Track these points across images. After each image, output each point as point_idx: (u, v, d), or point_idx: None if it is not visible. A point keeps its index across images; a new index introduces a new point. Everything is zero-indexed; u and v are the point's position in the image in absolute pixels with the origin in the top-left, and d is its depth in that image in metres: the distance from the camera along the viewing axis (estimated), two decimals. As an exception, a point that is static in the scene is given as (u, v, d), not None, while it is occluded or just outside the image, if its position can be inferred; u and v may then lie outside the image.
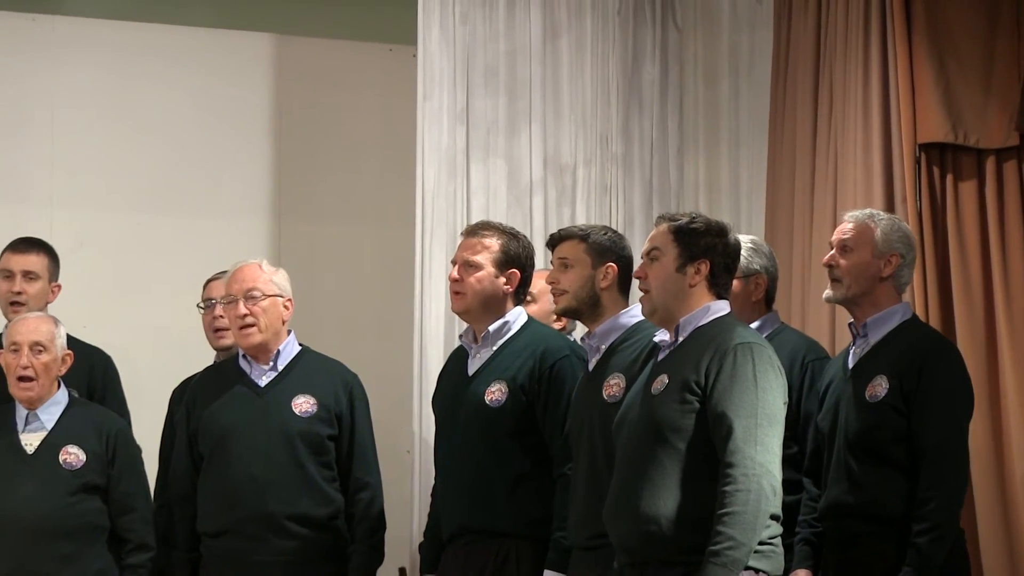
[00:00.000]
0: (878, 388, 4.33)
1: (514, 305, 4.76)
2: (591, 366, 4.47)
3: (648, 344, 4.26)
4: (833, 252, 4.49)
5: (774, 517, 3.88)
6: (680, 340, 4.07)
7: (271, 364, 5.00)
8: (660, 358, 4.12)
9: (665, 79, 6.51)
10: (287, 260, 5.19)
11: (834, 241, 4.52)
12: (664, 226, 4.14)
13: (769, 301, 4.85)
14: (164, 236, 6.55)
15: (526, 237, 4.85)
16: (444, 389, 4.86)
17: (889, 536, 4.27)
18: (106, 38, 6.56)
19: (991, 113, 5.49)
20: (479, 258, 4.70)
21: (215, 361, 5.44)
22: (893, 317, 4.44)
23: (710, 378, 3.93)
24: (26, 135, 6.45)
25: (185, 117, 6.63)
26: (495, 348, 4.70)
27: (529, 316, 4.85)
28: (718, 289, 4.12)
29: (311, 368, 5.04)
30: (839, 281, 4.47)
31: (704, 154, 6.53)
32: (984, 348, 5.40)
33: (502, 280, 4.71)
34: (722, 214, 6.09)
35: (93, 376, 5.47)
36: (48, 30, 6.49)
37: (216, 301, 5.37)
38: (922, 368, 4.30)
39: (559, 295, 4.52)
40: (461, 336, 4.85)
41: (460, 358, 4.82)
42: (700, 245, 4.09)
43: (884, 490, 4.29)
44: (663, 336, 4.13)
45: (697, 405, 3.93)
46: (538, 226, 6.16)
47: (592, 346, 4.48)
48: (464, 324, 4.90)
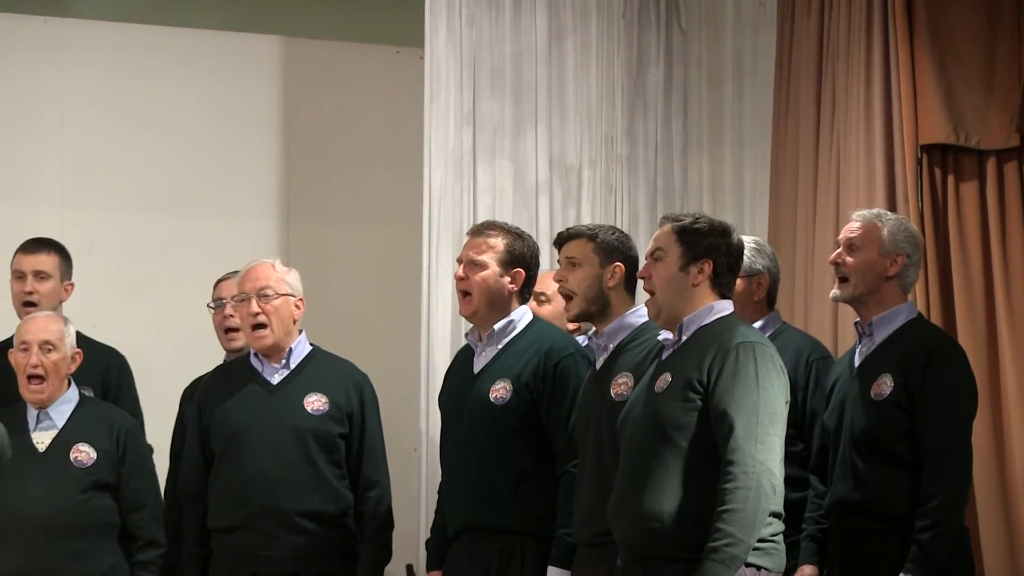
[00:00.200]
0: (883, 386, 4.33)
1: (519, 304, 4.75)
2: (598, 365, 4.47)
3: (656, 344, 4.25)
4: (840, 251, 4.49)
5: (775, 515, 3.88)
6: (683, 339, 4.07)
7: (283, 362, 5.01)
8: (664, 357, 4.12)
9: (669, 81, 6.51)
10: (295, 260, 5.19)
11: (841, 240, 4.52)
12: (668, 226, 4.15)
13: (771, 301, 4.86)
14: (174, 236, 6.56)
15: (531, 236, 4.84)
16: (450, 387, 4.87)
17: (894, 533, 4.27)
18: (116, 40, 6.56)
19: (992, 114, 5.48)
20: (484, 257, 4.70)
21: (225, 359, 5.44)
22: (898, 316, 4.44)
23: (712, 376, 3.94)
24: (37, 136, 6.46)
25: (194, 119, 6.64)
26: (500, 346, 4.70)
27: (534, 315, 4.85)
28: (721, 289, 4.12)
29: (323, 367, 5.05)
30: (846, 280, 4.46)
31: (708, 155, 6.53)
32: (985, 348, 5.39)
33: (507, 279, 4.71)
34: (726, 214, 6.10)
35: (108, 376, 5.47)
36: (59, 32, 6.50)
37: (226, 301, 5.38)
38: (927, 366, 4.29)
39: (567, 297, 4.51)
40: (467, 335, 4.85)
41: (466, 356, 4.83)
42: (703, 245, 4.10)
43: (889, 487, 4.29)
44: (666, 335, 4.13)
45: (699, 403, 3.94)
46: (544, 226, 6.18)
47: (600, 345, 4.47)
48: (470, 323, 4.89)
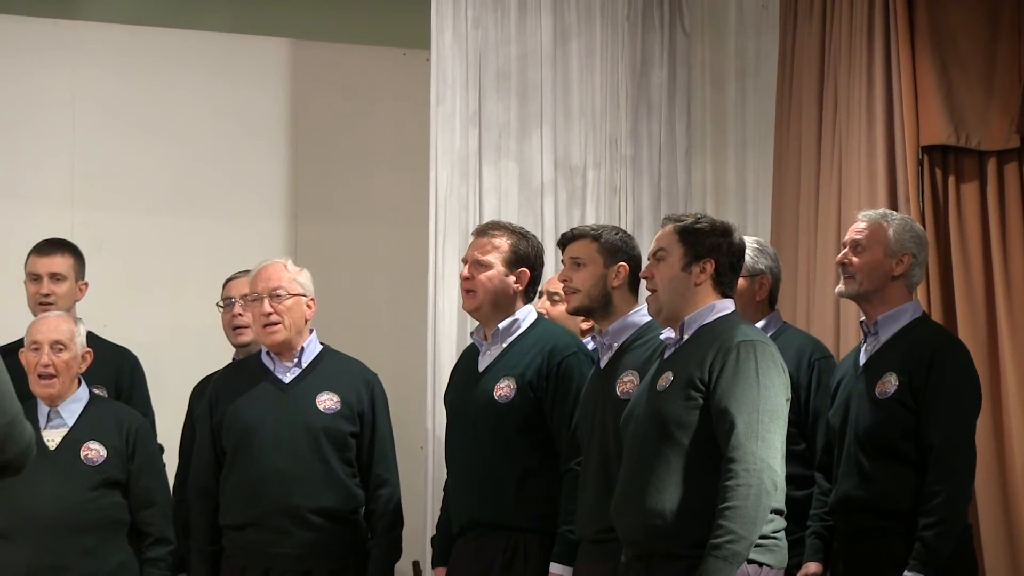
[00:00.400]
0: (888, 385, 4.35)
1: (524, 303, 4.78)
2: (602, 363, 4.48)
3: (660, 343, 4.27)
4: (846, 250, 4.51)
5: (777, 511, 3.91)
6: (685, 338, 4.10)
7: (295, 361, 5.01)
8: (666, 355, 4.14)
9: (673, 83, 6.50)
10: (303, 260, 5.17)
11: (847, 240, 4.53)
12: (670, 227, 4.17)
13: (772, 301, 4.87)
14: (183, 237, 6.56)
15: (535, 236, 4.86)
16: (455, 385, 4.89)
17: (898, 530, 4.28)
18: (126, 43, 6.56)
19: (992, 116, 5.49)
20: (489, 257, 4.73)
21: (234, 358, 5.46)
22: (903, 315, 4.45)
23: (714, 375, 3.96)
24: (46, 137, 6.45)
25: (203, 120, 6.64)
26: (505, 345, 4.73)
27: (539, 314, 4.87)
28: (723, 288, 4.14)
29: (334, 366, 5.06)
30: (852, 277, 4.47)
31: (711, 156, 6.53)
32: (986, 347, 5.38)
33: (512, 279, 4.74)
34: (729, 215, 6.08)
35: (121, 375, 5.49)
36: (69, 35, 6.50)
37: (235, 300, 5.39)
38: (931, 365, 4.31)
39: (571, 294, 4.53)
40: (472, 333, 4.87)
41: (471, 355, 4.85)
42: (705, 245, 4.12)
43: (893, 485, 4.30)
44: (668, 333, 4.15)
45: (701, 401, 3.96)
46: (549, 227, 6.17)
47: (605, 344, 4.49)
48: (476, 322, 4.90)
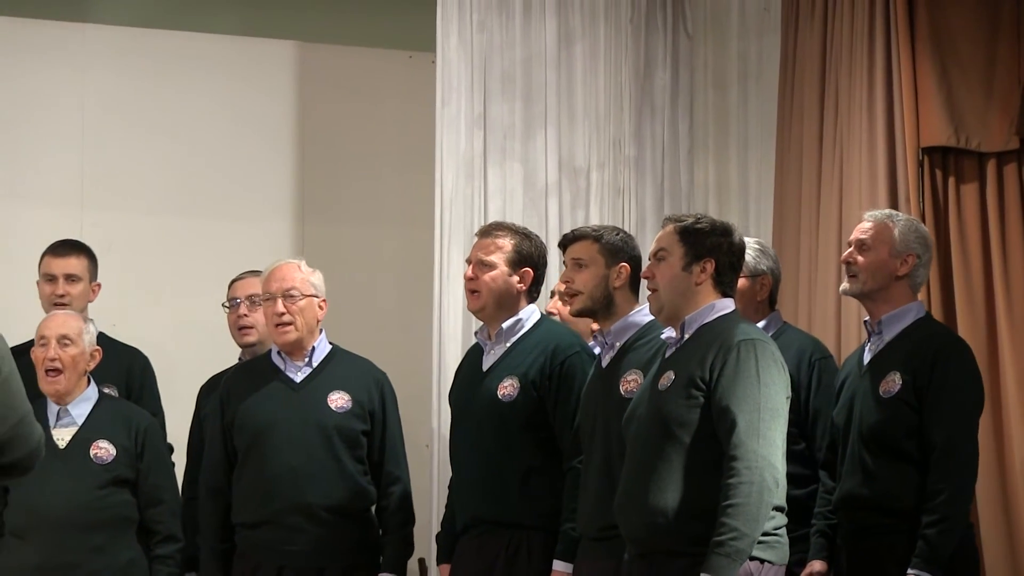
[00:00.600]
0: (892, 384, 4.36)
1: (527, 303, 4.79)
2: (604, 363, 4.50)
3: (662, 343, 4.28)
4: (851, 250, 4.52)
5: (778, 508, 3.94)
6: (686, 337, 4.12)
7: (306, 361, 5.03)
8: (667, 355, 4.16)
9: (676, 85, 6.50)
10: (310, 261, 5.16)
11: (852, 239, 4.54)
12: (670, 227, 4.19)
13: (772, 302, 4.89)
14: (190, 238, 6.57)
15: (539, 237, 4.88)
16: (460, 384, 4.91)
17: (901, 528, 4.29)
18: (134, 45, 6.58)
19: (992, 117, 5.49)
20: (493, 258, 4.75)
21: (240, 358, 5.48)
22: (907, 315, 4.47)
23: (714, 374, 3.98)
24: (56, 139, 6.47)
25: (211, 122, 6.66)
26: (508, 345, 4.75)
27: (542, 314, 4.88)
28: (723, 287, 4.16)
29: (344, 366, 5.08)
30: (856, 276, 4.49)
31: (714, 157, 6.52)
32: (985, 347, 5.36)
33: (515, 279, 4.76)
34: (731, 216, 6.10)
35: (132, 375, 5.52)
36: (79, 37, 6.52)
37: (241, 300, 5.41)
38: (934, 364, 4.32)
39: (573, 295, 4.54)
40: (477, 333, 4.90)
41: (476, 354, 4.87)
42: (705, 244, 4.14)
43: (897, 483, 4.32)
44: (669, 333, 4.17)
45: (702, 400, 3.98)
46: (553, 228, 6.16)
47: (606, 343, 4.51)
48: (480, 322, 4.91)
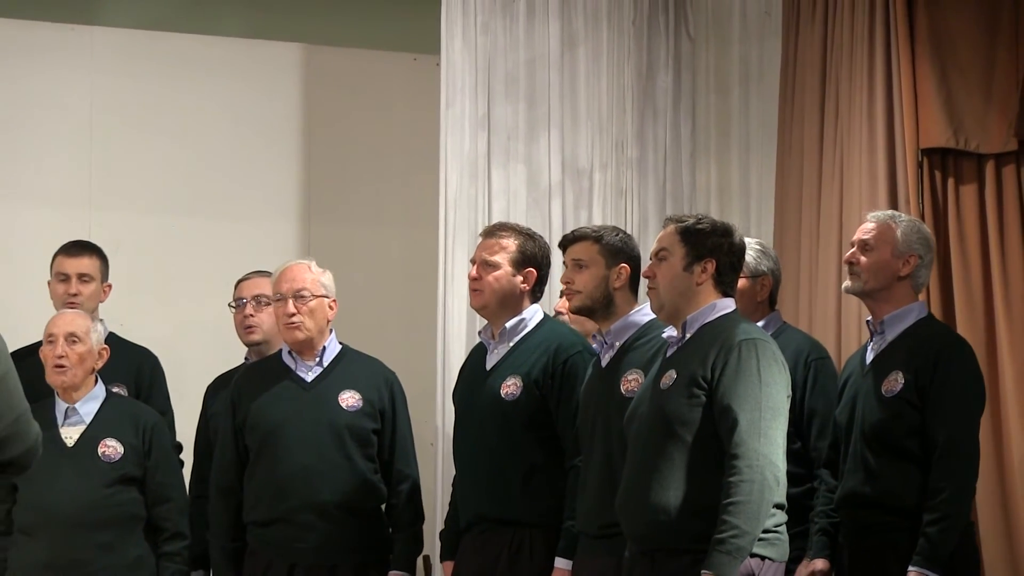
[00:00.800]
0: (894, 383, 4.37)
1: (531, 303, 4.80)
2: (604, 362, 4.52)
3: (663, 342, 4.30)
4: (854, 250, 4.54)
5: (779, 506, 3.96)
6: (687, 336, 4.14)
7: (316, 360, 5.04)
8: (668, 354, 4.18)
9: (678, 87, 6.52)
10: (316, 261, 5.28)
11: (855, 240, 4.56)
12: (671, 227, 4.22)
13: (772, 302, 4.91)
14: (198, 238, 6.60)
15: (542, 237, 4.89)
16: (463, 383, 4.93)
17: (903, 526, 4.31)
18: (142, 48, 6.61)
19: (991, 119, 5.52)
20: (497, 258, 4.76)
21: (246, 358, 5.49)
22: (909, 315, 4.48)
23: (716, 373, 4.00)
24: (65, 140, 6.50)
25: (217, 123, 6.68)
26: (512, 344, 4.76)
27: (545, 314, 4.89)
28: (724, 287, 4.19)
29: (354, 365, 5.09)
30: (857, 276, 4.50)
31: (716, 159, 6.54)
32: (984, 348, 5.40)
33: (519, 279, 4.76)
34: (733, 217, 6.13)
35: (141, 375, 5.53)
36: (87, 40, 6.55)
37: (246, 300, 5.42)
38: (936, 364, 4.34)
39: (573, 295, 4.56)
40: (480, 332, 4.91)
41: (479, 354, 4.88)
42: (706, 245, 4.17)
43: (899, 482, 4.33)
44: (671, 332, 4.20)
45: (704, 399, 4.01)
46: (556, 228, 6.16)
47: (606, 343, 4.52)
48: (484, 322, 4.93)
